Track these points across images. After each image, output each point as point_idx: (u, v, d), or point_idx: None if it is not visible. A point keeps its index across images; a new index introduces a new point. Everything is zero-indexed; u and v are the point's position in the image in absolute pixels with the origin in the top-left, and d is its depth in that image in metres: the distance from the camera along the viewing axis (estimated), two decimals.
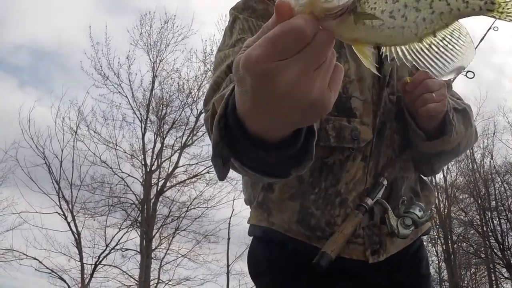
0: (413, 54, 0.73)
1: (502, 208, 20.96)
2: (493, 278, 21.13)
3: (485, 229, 21.03)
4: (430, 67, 0.72)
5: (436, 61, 0.72)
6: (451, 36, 0.74)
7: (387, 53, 0.74)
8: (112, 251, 16.80)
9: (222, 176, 0.97)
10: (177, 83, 17.90)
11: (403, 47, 0.74)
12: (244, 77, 0.71)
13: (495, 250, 20.40)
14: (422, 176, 1.70)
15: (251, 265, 1.69)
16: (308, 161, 0.92)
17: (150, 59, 17.71)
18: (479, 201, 21.30)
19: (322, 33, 0.67)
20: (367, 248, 1.49)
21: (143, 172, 17.18)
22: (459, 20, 0.74)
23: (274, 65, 0.67)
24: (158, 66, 17.72)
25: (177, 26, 18.08)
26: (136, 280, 16.53)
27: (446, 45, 0.73)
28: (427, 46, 0.73)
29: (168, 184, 17.50)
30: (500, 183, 21.33)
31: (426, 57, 0.72)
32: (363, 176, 1.49)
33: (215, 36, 18.50)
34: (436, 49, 0.73)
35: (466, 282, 22.73)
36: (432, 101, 1.38)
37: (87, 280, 16.29)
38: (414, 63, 0.72)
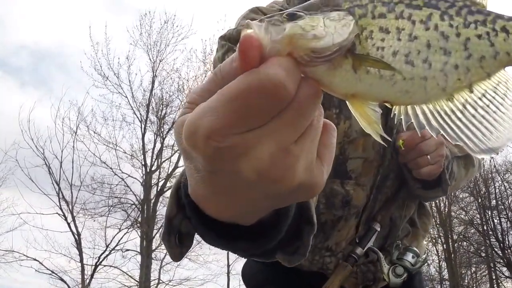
0: (440, 119, 0.51)
1: (502, 207, 20.87)
2: (494, 277, 21.08)
3: (485, 228, 20.96)
4: (464, 138, 0.51)
5: (473, 130, 0.51)
6: (494, 92, 0.53)
7: (401, 117, 0.53)
8: (113, 251, 16.82)
9: (178, 256, 0.72)
10: (177, 83, 17.94)
11: (425, 108, 0.52)
12: (191, 155, 0.51)
13: (496, 249, 20.34)
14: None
15: (246, 276, 1.66)
16: (299, 255, 0.71)
17: (150, 59, 17.69)
18: (480, 200, 21.22)
19: (306, 86, 0.48)
20: (359, 284, 1.46)
21: (143, 173, 17.15)
22: (505, 69, 0.54)
23: (236, 140, 0.46)
24: (158, 66, 17.69)
25: (177, 26, 18.03)
26: (137, 281, 16.52)
27: (488, 106, 0.52)
28: (460, 106, 0.52)
29: (168, 184, 17.44)
30: (500, 182, 21.22)
31: (458, 123, 0.51)
32: (355, 228, 1.45)
33: (215, 36, 18.46)
34: (473, 111, 0.52)
35: (466, 281, 22.69)
36: (426, 165, 1.31)
37: (88, 281, 16.30)
38: (441, 131, 0.51)
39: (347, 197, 1.37)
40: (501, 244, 19.99)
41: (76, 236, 16.32)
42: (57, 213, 16.33)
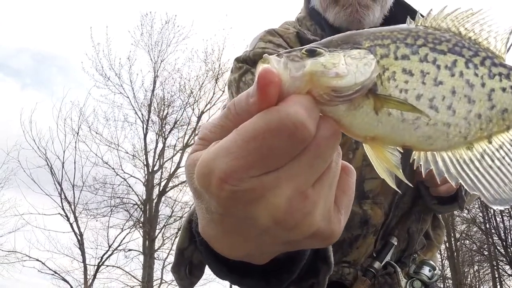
0: (458, 167, 0.51)
1: None
2: (496, 275, 21.08)
3: (488, 226, 20.94)
4: (482, 188, 0.51)
5: (489, 181, 0.51)
6: (510, 145, 0.53)
7: (420, 162, 0.52)
8: (115, 251, 16.84)
9: (187, 287, 0.71)
10: (179, 83, 17.88)
11: (444, 155, 0.51)
12: (204, 196, 0.48)
13: (498, 247, 20.33)
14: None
15: None
16: None
17: (151, 59, 17.73)
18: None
19: (325, 127, 0.45)
20: None
21: (145, 173, 17.17)
22: None
23: (252, 184, 0.43)
24: (160, 66, 17.71)
25: (178, 26, 17.99)
26: (139, 281, 16.54)
27: (504, 158, 0.52)
28: (478, 156, 0.52)
29: (171, 184, 17.49)
30: None
31: (476, 173, 0.51)
32: (373, 244, 1.45)
33: (216, 36, 18.47)
34: (490, 162, 0.52)
35: (469, 279, 22.70)
36: (444, 183, 1.32)
37: (90, 281, 16.30)
38: (460, 180, 0.51)
39: (366, 217, 1.37)
40: (504, 242, 19.97)
41: (78, 237, 16.36)
42: (59, 213, 16.41)
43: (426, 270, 1.45)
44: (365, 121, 0.48)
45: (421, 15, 0.56)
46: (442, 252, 22.22)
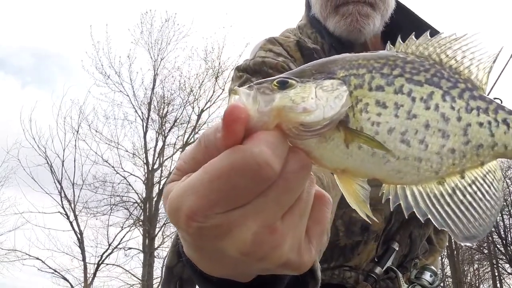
0: (428, 202, 0.50)
1: (504, 203, 20.88)
2: (496, 274, 21.12)
3: None
4: (450, 224, 0.49)
5: (459, 216, 0.50)
6: (483, 180, 0.52)
7: (390, 196, 0.52)
8: (115, 250, 16.85)
9: None
10: (178, 81, 17.86)
11: (414, 189, 0.50)
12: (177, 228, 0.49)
13: (498, 246, 20.38)
14: None
15: None
16: None
17: (151, 57, 17.70)
18: None
19: (294, 160, 0.45)
20: None
21: (145, 171, 17.18)
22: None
23: (218, 220, 0.44)
24: (159, 65, 17.69)
25: (177, 24, 17.96)
26: (139, 279, 16.57)
27: (475, 193, 0.51)
28: (449, 191, 0.50)
29: None
30: (502, 179, 21.23)
31: (446, 208, 0.50)
32: (375, 249, 1.45)
33: (216, 34, 18.47)
34: (461, 197, 0.50)
35: (469, 277, 22.74)
36: None
37: (90, 279, 16.32)
38: (428, 215, 0.50)
39: (366, 224, 1.38)
40: (504, 241, 20.01)
41: (78, 235, 16.37)
42: (59, 212, 16.41)
43: (427, 275, 1.45)
44: (335, 154, 0.48)
45: (401, 42, 0.55)
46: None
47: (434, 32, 0.54)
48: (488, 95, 0.53)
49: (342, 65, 0.50)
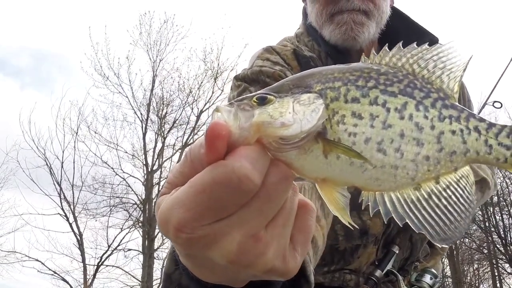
0: (406, 207, 0.52)
1: (504, 203, 20.88)
2: (496, 274, 21.12)
3: (487, 224, 20.98)
4: (427, 227, 0.52)
5: (435, 219, 0.52)
6: (457, 185, 0.54)
7: (369, 203, 0.54)
8: (115, 251, 16.85)
9: None
10: (178, 82, 17.85)
11: (392, 195, 0.53)
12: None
13: (498, 246, 20.37)
14: None
15: None
16: None
17: (150, 58, 17.70)
18: None
19: (275, 172, 0.48)
20: None
21: (145, 172, 17.17)
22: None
23: (205, 231, 0.47)
24: (158, 66, 17.69)
25: (176, 25, 17.97)
26: (139, 280, 16.56)
27: (449, 197, 0.53)
28: (425, 196, 0.53)
29: None
30: (502, 178, 21.25)
31: (423, 212, 0.52)
32: (375, 253, 1.47)
33: (215, 35, 18.47)
34: (437, 201, 0.53)
35: (469, 277, 22.76)
36: None
37: (90, 281, 16.32)
38: (406, 219, 0.52)
39: (365, 228, 1.40)
40: (503, 241, 20.01)
41: (78, 237, 16.36)
42: (58, 213, 16.39)
43: (427, 278, 1.46)
44: (315, 164, 0.51)
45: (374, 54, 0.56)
46: None
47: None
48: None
49: (318, 79, 0.52)
